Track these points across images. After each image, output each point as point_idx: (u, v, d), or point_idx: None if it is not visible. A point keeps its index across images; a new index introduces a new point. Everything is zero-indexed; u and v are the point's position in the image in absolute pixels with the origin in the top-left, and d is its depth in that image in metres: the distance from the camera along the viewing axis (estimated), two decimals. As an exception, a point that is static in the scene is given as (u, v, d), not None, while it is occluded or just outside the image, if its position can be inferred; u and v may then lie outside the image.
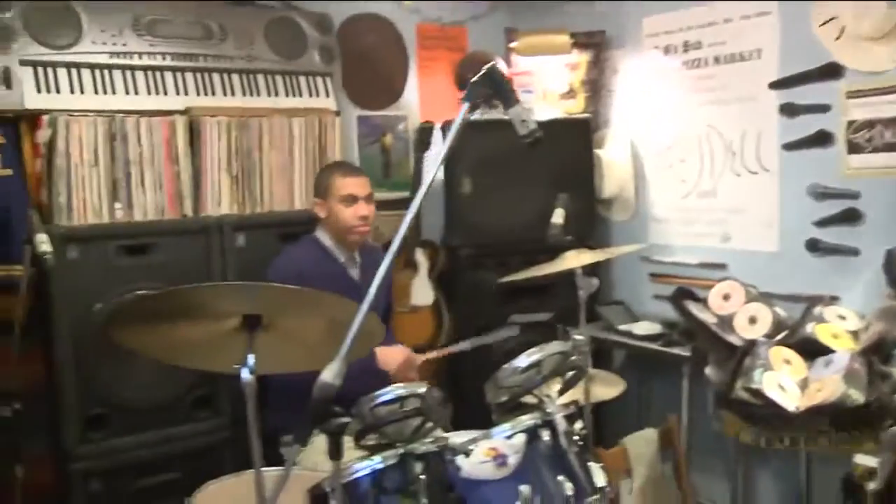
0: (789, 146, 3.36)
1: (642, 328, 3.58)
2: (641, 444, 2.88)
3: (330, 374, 1.59)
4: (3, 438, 2.48)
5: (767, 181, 3.45)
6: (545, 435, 2.16)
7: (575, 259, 2.71)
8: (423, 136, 3.82)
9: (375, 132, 4.03)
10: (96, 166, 2.93)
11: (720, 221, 3.67)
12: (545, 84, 4.02)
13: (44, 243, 2.38)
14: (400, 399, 2.00)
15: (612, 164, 4.01)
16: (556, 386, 2.28)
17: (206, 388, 3.13)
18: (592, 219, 3.99)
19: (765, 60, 3.42)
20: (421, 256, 3.88)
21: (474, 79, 1.67)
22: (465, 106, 1.67)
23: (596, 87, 4.07)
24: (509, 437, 2.12)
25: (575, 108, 4.04)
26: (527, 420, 2.16)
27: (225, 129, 3.19)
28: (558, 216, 2.97)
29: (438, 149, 3.88)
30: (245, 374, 1.92)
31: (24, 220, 2.62)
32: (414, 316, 3.79)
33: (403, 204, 3.94)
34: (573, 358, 2.29)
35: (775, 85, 3.37)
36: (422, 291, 3.85)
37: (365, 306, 1.63)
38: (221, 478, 2.51)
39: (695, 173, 3.75)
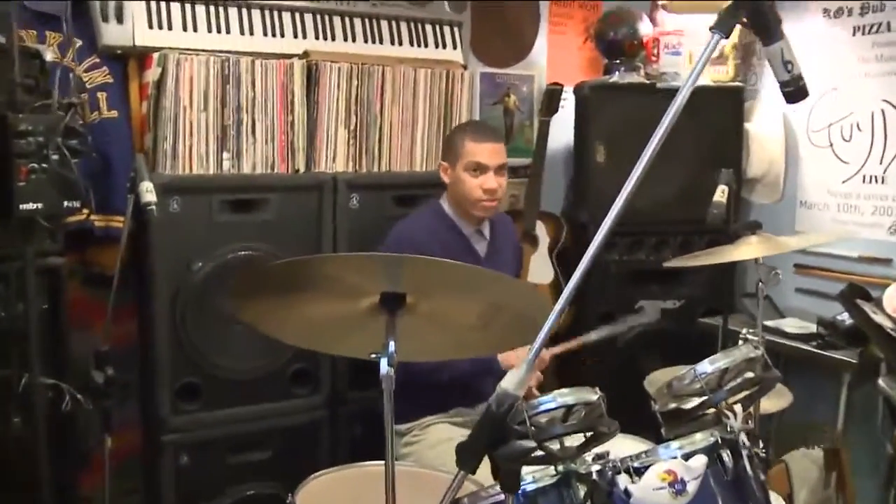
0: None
1: (792, 325, 3.16)
2: (806, 463, 2.51)
3: (512, 383, 1.26)
4: (95, 406, 2.23)
5: (955, 168, 3.00)
6: (726, 456, 1.80)
7: (758, 246, 2.31)
8: (551, 99, 3.44)
9: (498, 91, 3.68)
10: (205, 111, 2.65)
11: (888, 210, 3.22)
12: (694, 46, 3.59)
13: (149, 192, 2.12)
14: (566, 407, 1.65)
15: (762, 140, 3.58)
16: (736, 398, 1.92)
17: (306, 362, 2.87)
18: (737, 201, 3.57)
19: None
20: (541, 230, 3.53)
21: (730, 4, 1.29)
22: (715, 38, 1.30)
23: (748, 52, 3.64)
24: (686, 458, 1.76)
25: (724, 75, 3.60)
26: (705, 438, 1.81)
27: (345, 76, 2.87)
28: (721, 194, 2.61)
29: (567, 113, 3.53)
30: (384, 366, 1.60)
31: (128, 167, 2.35)
32: (531, 295, 3.45)
33: (524, 171, 3.60)
34: (759, 368, 1.92)
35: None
36: (541, 268, 3.50)
37: (563, 299, 1.28)
38: (327, 471, 2.23)
39: (861, 154, 3.30)
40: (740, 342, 2.38)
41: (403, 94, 3.01)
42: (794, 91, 1.34)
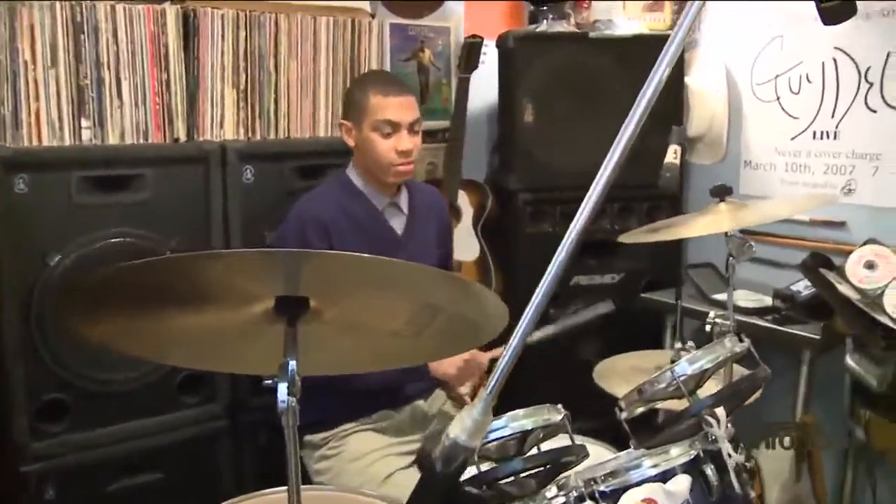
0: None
1: (745, 298, 2.86)
2: (775, 457, 2.22)
3: (465, 429, 0.87)
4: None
5: (916, 119, 2.73)
6: (710, 472, 1.47)
7: (728, 215, 1.98)
8: (470, 53, 3.06)
9: (411, 46, 3.26)
10: (54, 67, 2.18)
11: (842, 168, 2.95)
12: (628, -8, 3.26)
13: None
14: (522, 433, 1.29)
15: (702, 95, 3.26)
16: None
17: (198, 365, 2.44)
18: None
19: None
20: (464, 201, 3.16)
21: None
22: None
23: (684, -2, 3.31)
24: (665, 479, 1.42)
25: (661, 23, 3.28)
26: (684, 452, 1.47)
27: (231, 25, 2.45)
28: (673, 155, 2.27)
29: (489, 69, 3.15)
30: (283, 393, 1.19)
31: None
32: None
33: (442, 135, 3.22)
34: (745, 364, 1.59)
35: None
36: (465, 243, 3.13)
37: (535, 301, 0.91)
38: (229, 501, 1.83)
39: (811, 108, 3.00)
40: (707, 327, 2.08)
41: (302, 48, 2.60)
42: (838, 6, 0.98)
